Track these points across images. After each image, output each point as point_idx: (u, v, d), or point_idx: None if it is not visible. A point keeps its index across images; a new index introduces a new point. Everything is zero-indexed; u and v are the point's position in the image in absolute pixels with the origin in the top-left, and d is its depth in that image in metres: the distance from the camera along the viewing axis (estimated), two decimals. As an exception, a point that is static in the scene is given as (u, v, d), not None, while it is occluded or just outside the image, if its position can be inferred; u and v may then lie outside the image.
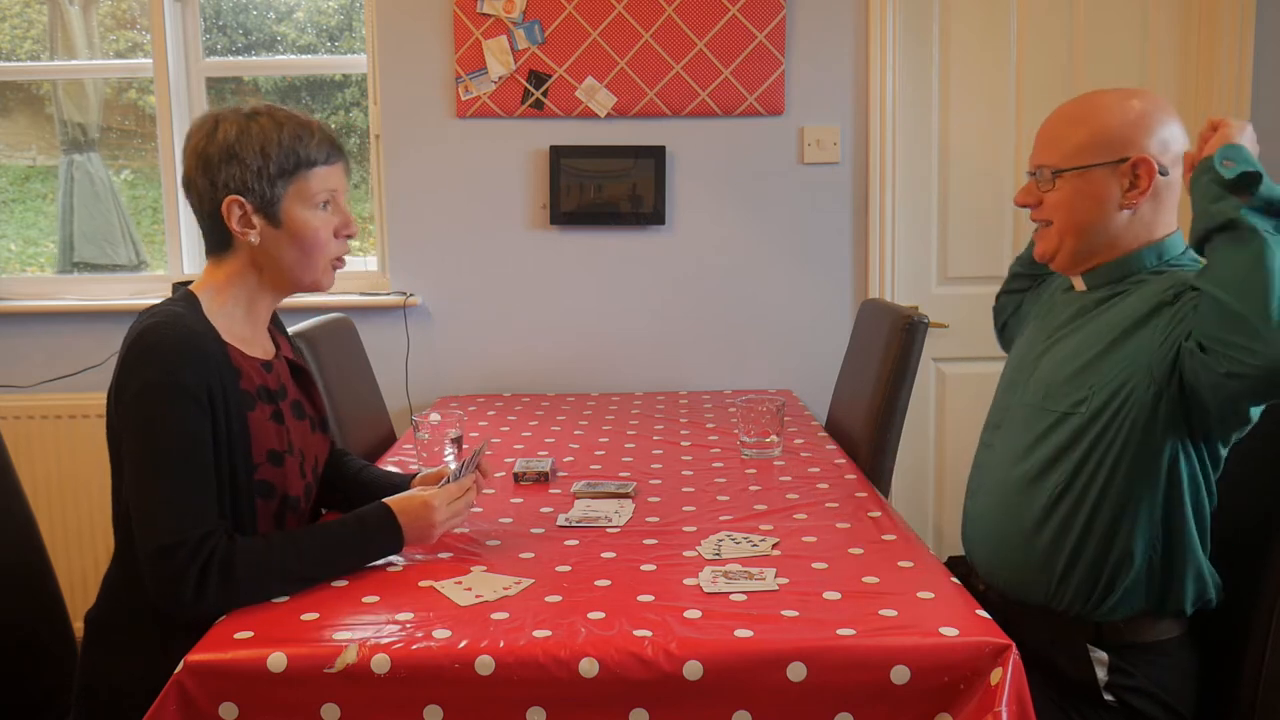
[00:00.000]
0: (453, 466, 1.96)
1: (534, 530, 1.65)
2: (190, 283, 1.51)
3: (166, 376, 1.34)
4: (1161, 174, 1.50)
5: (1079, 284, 1.62)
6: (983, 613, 1.27)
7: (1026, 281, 1.88)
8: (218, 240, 1.49)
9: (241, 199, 1.44)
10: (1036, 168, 1.58)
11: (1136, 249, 1.53)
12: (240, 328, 1.51)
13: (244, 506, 1.43)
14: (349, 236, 1.54)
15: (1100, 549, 1.45)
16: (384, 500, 1.49)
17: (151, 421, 1.35)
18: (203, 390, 1.36)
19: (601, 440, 2.32)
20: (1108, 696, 1.44)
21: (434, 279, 3.03)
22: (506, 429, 2.47)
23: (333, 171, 1.50)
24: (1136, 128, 1.50)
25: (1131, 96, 1.54)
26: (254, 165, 1.43)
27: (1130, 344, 1.46)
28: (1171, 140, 1.51)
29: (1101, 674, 1.45)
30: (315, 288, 1.53)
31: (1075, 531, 1.47)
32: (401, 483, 1.70)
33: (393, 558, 1.49)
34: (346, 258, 1.56)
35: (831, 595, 1.33)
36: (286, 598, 1.35)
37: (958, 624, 1.23)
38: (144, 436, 1.35)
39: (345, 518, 1.47)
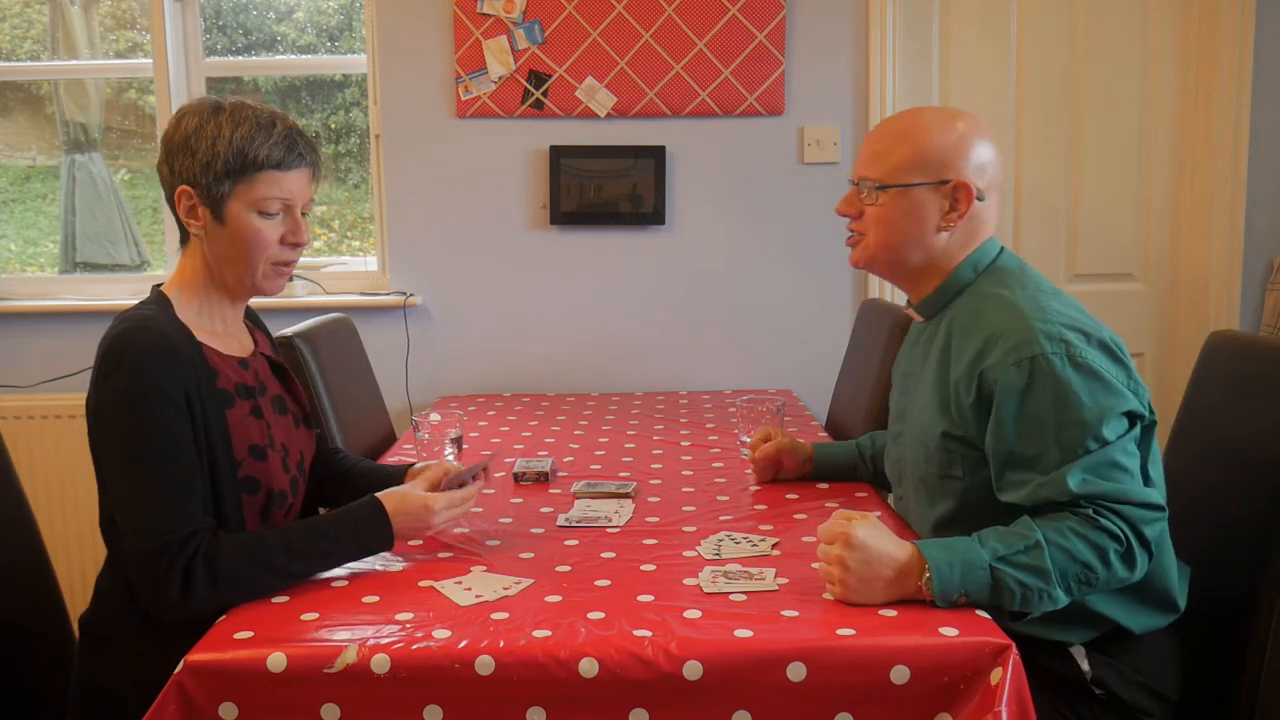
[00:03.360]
0: (451, 459, 1.96)
1: (534, 530, 1.65)
2: (163, 284, 1.51)
3: (142, 380, 1.34)
4: (979, 199, 1.51)
5: (915, 314, 1.63)
6: (982, 613, 1.27)
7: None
8: (181, 227, 1.50)
9: (190, 190, 1.44)
10: (859, 179, 1.58)
11: (954, 267, 1.55)
12: (212, 325, 1.50)
13: (229, 504, 1.43)
14: (295, 245, 1.50)
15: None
16: (376, 495, 1.48)
17: (130, 426, 1.34)
18: (179, 393, 1.36)
19: (601, 440, 2.32)
20: (1096, 690, 1.44)
21: (434, 279, 3.03)
22: (506, 429, 2.47)
23: (290, 177, 1.46)
24: (957, 151, 1.51)
25: (955, 118, 1.54)
26: (204, 159, 1.42)
27: (954, 406, 1.47)
28: (987, 165, 1.53)
29: (1085, 665, 1.44)
30: (256, 291, 1.51)
31: None
32: (394, 473, 1.69)
33: (392, 557, 1.49)
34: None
35: (831, 595, 1.33)
36: (278, 594, 1.35)
37: (957, 624, 1.23)
38: (124, 442, 1.35)
39: (335, 512, 1.47)
